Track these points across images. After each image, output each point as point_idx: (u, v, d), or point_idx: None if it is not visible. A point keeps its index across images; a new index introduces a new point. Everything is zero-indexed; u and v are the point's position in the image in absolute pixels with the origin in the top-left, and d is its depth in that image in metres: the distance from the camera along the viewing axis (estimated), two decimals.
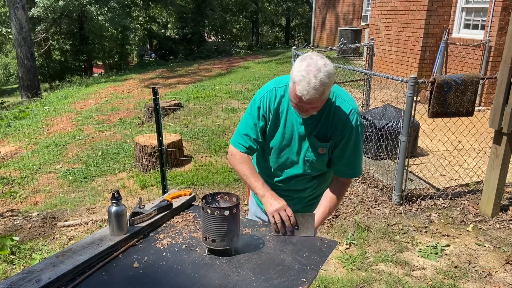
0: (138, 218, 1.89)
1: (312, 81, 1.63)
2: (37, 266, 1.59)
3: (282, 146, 1.95)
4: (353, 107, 1.86)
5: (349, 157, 1.91)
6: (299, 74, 1.66)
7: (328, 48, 9.47)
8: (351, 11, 15.38)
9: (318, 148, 1.90)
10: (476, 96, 4.01)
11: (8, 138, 7.71)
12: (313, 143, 1.90)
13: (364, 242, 3.60)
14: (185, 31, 23.10)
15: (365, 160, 5.07)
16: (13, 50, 17.85)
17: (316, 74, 1.63)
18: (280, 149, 1.96)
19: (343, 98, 1.87)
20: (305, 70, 1.65)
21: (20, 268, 3.40)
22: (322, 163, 1.96)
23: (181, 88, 10.76)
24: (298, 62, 1.70)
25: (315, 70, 1.64)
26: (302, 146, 1.92)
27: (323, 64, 1.66)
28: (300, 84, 1.65)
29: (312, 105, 1.72)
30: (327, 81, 1.65)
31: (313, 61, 1.66)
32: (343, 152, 1.90)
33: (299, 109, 1.78)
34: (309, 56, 1.70)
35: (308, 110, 1.76)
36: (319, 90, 1.64)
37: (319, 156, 1.92)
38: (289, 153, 1.95)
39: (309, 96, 1.65)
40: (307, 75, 1.64)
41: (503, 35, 6.82)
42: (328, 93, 1.73)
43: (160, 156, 3.89)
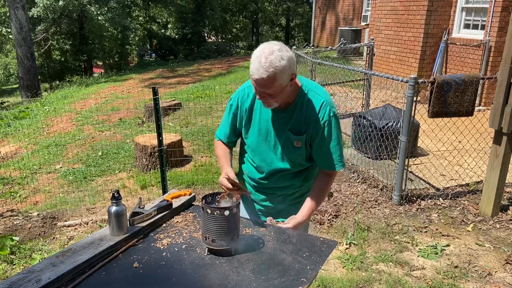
0: (138, 218, 1.89)
1: (262, 61, 1.69)
2: (37, 266, 1.58)
3: (259, 141, 2.01)
4: (324, 99, 1.90)
5: (327, 149, 1.94)
6: (254, 55, 1.74)
7: (328, 48, 9.48)
8: (351, 11, 15.38)
9: (294, 142, 1.94)
10: (476, 96, 4.01)
11: (8, 138, 7.71)
12: (288, 137, 1.95)
13: (364, 242, 3.60)
14: (185, 31, 23.10)
15: (365, 160, 5.07)
16: (13, 50, 17.85)
17: (267, 55, 1.70)
18: (258, 144, 2.02)
19: (314, 91, 1.92)
20: (260, 51, 1.73)
21: (20, 268, 3.40)
22: (299, 157, 1.99)
23: (181, 88, 10.77)
24: (259, 46, 1.78)
25: (268, 52, 1.70)
26: (278, 140, 1.97)
27: (278, 49, 1.72)
28: (252, 64, 1.73)
29: (265, 88, 1.75)
30: (278, 65, 1.69)
31: (269, 45, 1.75)
32: (321, 146, 1.94)
33: (258, 94, 1.82)
34: (269, 42, 1.78)
35: (266, 97, 1.80)
36: (268, 71, 1.69)
37: (296, 149, 1.96)
38: (267, 149, 2.01)
39: (258, 76, 1.71)
40: (259, 56, 1.71)
41: (503, 35, 6.82)
42: (283, 82, 1.75)
43: (160, 156, 3.89)
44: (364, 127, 5.10)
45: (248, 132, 2.03)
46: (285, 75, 1.73)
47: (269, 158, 2.02)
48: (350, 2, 15.36)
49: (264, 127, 1.97)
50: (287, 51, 1.74)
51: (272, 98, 1.80)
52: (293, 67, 1.76)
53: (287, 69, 1.73)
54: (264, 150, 2.01)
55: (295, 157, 1.98)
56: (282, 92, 1.79)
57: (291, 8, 28.04)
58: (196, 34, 23.19)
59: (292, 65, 1.74)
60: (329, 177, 2.02)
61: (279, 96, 1.80)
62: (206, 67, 14.40)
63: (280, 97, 1.81)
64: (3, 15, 17.71)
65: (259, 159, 2.05)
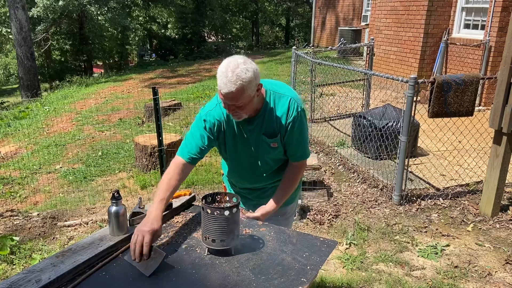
0: (138, 218, 1.89)
1: (229, 75, 1.74)
2: (37, 266, 1.59)
3: (238, 151, 2.07)
4: (291, 96, 1.97)
5: (297, 142, 2.03)
6: (220, 70, 1.78)
7: (328, 48, 9.48)
8: (351, 11, 15.38)
9: (270, 144, 2.01)
10: (476, 96, 4.01)
11: (8, 138, 7.71)
12: (264, 140, 2.01)
13: (364, 242, 3.60)
14: (185, 31, 23.11)
15: (365, 160, 5.07)
16: (13, 50, 17.84)
17: (233, 69, 1.74)
18: (237, 154, 2.08)
19: (279, 92, 1.98)
20: (225, 66, 1.77)
21: (20, 268, 3.40)
22: (279, 154, 2.08)
23: (181, 88, 10.77)
24: (223, 62, 1.81)
25: (233, 66, 1.75)
26: (257, 146, 2.03)
27: (242, 62, 1.77)
28: (219, 78, 1.77)
29: (234, 101, 1.79)
30: (244, 77, 1.74)
31: (234, 59, 1.79)
32: (292, 140, 2.01)
33: (228, 108, 1.86)
34: (233, 56, 1.82)
35: (235, 110, 1.84)
36: (236, 84, 1.73)
37: (273, 149, 2.04)
38: (248, 156, 2.07)
39: (227, 90, 1.75)
40: (225, 71, 1.76)
41: (503, 35, 6.82)
42: (251, 93, 1.80)
43: (160, 156, 3.89)
44: (364, 127, 5.10)
45: (226, 148, 2.08)
46: (252, 86, 1.79)
47: (252, 164, 2.10)
48: (350, 2, 15.35)
49: (240, 137, 2.03)
50: (251, 63, 1.80)
51: (241, 110, 1.84)
52: (258, 78, 1.81)
53: (253, 80, 1.78)
54: (245, 157, 2.08)
55: (274, 155, 2.07)
56: (250, 103, 1.85)
57: (291, 8, 28.05)
58: (196, 34, 23.19)
59: (257, 76, 1.80)
60: (298, 168, 2.12)
61: (248, 107, 1.85)
62: (206, 67, 14.41)
63: (248, 108, 1.86)
64: (3, 15, 17.72)
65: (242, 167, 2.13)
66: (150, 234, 1.63)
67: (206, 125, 1.98)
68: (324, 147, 5.75)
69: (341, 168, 5.11)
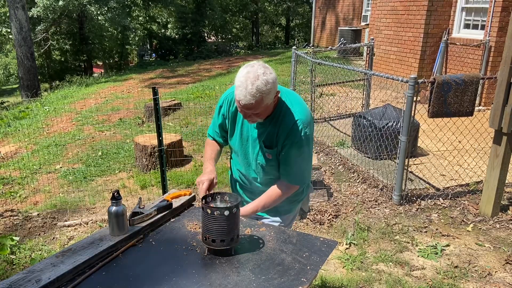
0: (138, 218, 1.89)
1: (249, 87, 1.72)
2: (37, 266, 1.59)
3: (239, 146, 2.08)
4: (299, 117, 1.91)
5: (291, 166, 1.98)
6: (238, 80, 1.76)
7: (328, 48, 9.48)
8: (351, 11, 15.38)
9: (265, 153, 2.00)
10: (476, 96, 4.01)
11: (8, 138, 7.71)
12: (261, 147, 2.00)
13: (364, 242, 3.60)
14: (185, 31, 23.10)
15: (365, 160, 5.07)
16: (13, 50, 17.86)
17: (253, 81, 1.72)
18: (238, 149, 2.10)
19: (292, 108, 1.93)
20: (244, 76, 1.74)
21: (20, 268, 3.40)
22: (272, 167, 2.04)
23: (181, 88, 10.77)
24: (241, 68, 1.79)
25: (253, 78, 1.73)
26: (254, 149, 2.03)
27: (262, 73, 1.74)
28: (238, 89, 1.76)
29: (252, 111, 1.80)
30: (264, 89, 1.73)
31: (254, 69, 1.76)
32: (285, 159, 1.97)
33: (243, 114, 1.87)
34: (251, 64, 1.79)
35: (251, 116, 1.85)
36: (255, 97, 1.73)
37: (268, 160, 2.01)
38: (246, 154, 2.08)
39: (246, 101, 1.74)
40: (245, 81, 1.73)
41: (503, 35, 6.82)
42: (269, 101, 1.79)
43: (160, 156, 3.89)
44: (364, 127, 5.10)
45: (232, 136, 2.11)
46: (271, 95, 1.79)
47: (247, 163, 2.11)
48: (350, 2, 15.35)
49: (245, 134, 2.04)
50: (270, 73, 1.77)
51: (257, 116, 1.85)
52: (276, 86, 1.80)
53: (273, 91, 1.78)
54: (244, 155, 2.10)
55: (268, 167, 2.04)
56: (267, 110, 1.85)
57: (291, 8, 28.03)
58: (196, 34, 23.18)
59: (276, 85, 1.79)
60: (286, 188, 2.03)
61: (264, 113, 1.86)
62: (206, 67, 14.40)
63: (264, 114, 1.87)
64: (3, 15, 17.72)
65: (242, 162, 2.14)
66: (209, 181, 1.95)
67: (220, 111, 2.10)
68: (324, 147, 5.75)
69: (341, 168, 5.11)
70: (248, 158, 2.09)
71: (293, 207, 2.22)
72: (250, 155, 2.07)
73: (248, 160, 2.09)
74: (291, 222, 2.29)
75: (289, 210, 2.21)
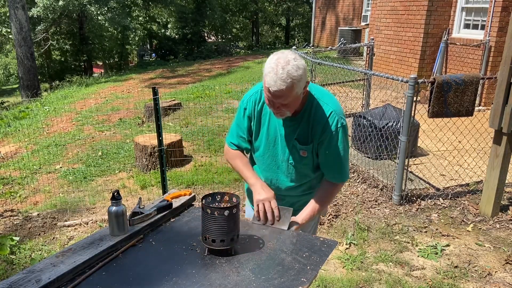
0: (138, 218, 1.89)
1: (279, 72, 1.66)
2: (37, 266, 1.59)
3: (266, 148, 1.98)
4: (333, 109, 1.85)
5: (333, 160, 1.91)
6: (268, 66, 1.70)
7: (328, 48, 9.48)
8: (351, 11, 15.37)
9: (300, 151, 1.91)
10: (476, 96, 4.01)
11: (8, 138, 7.71)
12: (295, 146, 1.91)
13: (364, 242, 3.60)
14: (185, 31, 23.09)
15: (365, 160, 5.07)
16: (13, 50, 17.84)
17: (284, 66, 1.66)
18: (265, 151, 1.99)
19: (323, 100, 1.87)
20: (275, 62, 1.69)
21: (20, 268, 3.40)
22: (305, 166, 1.96)
23: (181, 88, 10.77)
24: (271, 56, 1.74)
25: (284, 62, 1.67)
26: (285, 148, 1.93)
27: (293, 58, 1.69)
28: (268, 75, 1.69)
29: (282, 100, 1.72)
30: (295, 75, 1.67)
31: (284, 55, 1.71)
32: (326, 156, 1.90)
33: (272, 106, 1.78)
34: (281, 51, 1.75)
35: (280, 108, 1.76)
36: (286, 82, 1.66)
37: (302, 159, 1.93)
38: (274, 156, 1.98)
39: (276, 88, 1.67)
40: (275, 67, 1.67)
41: (503, 35, 6.82)
42: (299, 91, 1.73)
43: (160, 156, 3.89)
44: (364, 127, 5.10)
45: (258, 137, 2.00)
46: (301, 84, 1.71)
47: (274, 166, 2.00)
48: (350, 2, 15.35)
49: (272, 133, 1.95)
50: (300, 59, 1.72)
51: (286, 108, 1.76)
52: (306, 75, 1.74)
53: (304, 78, 1.71)
54: (271, 157, 1.99)
55: (301, 166, 1.95)
56: (296, 102, 1.77)
57: (291, 8, 28.02)
58: (196, 34, 23.18)
59: (306, 73, 1.73)
60: (333, 187, 1.99)
61: (293, 105, 1.77)
62: (206, 67, 14.40)
63: (294, 106, 1.78)
64: (3, 15, 17.72)
65: (265, 165, 2.02)
66: (274, 198, 1.89)
67: (246, 114, 1.98)
68: None
69: None
70: (277, 160, 1.97)
71: None
72: (279, 156, 1.96)
73: (277, 162, 1.98)
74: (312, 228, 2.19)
75: None
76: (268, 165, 2.01)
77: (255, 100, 1.96)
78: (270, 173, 2.02)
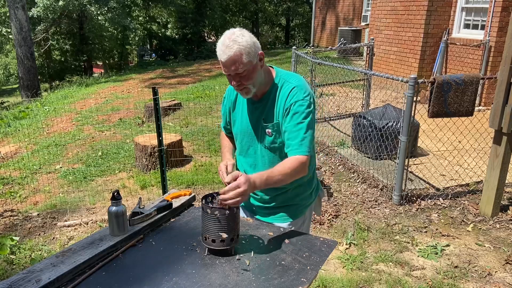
0: (138, 218, 1.89)
1: (226, 42, 1.76)
2: (37, 266, 1.59)
3: (241, 133, 2.06)
4: (295, 84, 1.90)
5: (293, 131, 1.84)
6: (218, 44, 1.80)
7: (328, 48, 9.48)
8: (351, 11, 15.38)
9: (265, 130, 1.96)
10: (476, 96, 4.01)
11: (8, 138, 7.71)
12: (262, 127, 1.97)
13: (364, 242, 3.60)
14: (185, 31, 23.10)
15: (365, 160, 5.07)
16: (13, 50, 17.86)
17: (229, 36, 1.77)
18: (241, 136, 2.07)
19: (288, 80, 1.94)
20: (222, 37, 1.80)
21: (20, 268, 3.40)
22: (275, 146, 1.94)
23: (181, 88, 10.77)
24: None
25: (229, 34, 1.79)
26: (256, 131, 2.00)
27: (238, 29, 1.81)
28: (218, 50, 1.79)
29: (234, 68, 1.77)
30: (241, 41, 1.75)
31: (230, 30, 1.81)
32: (287, 127, 1.86)
33: (233, 81, 1.84)
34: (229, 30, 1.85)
35: (240, 81, 1.82)
36: (233, 48, 1.74)
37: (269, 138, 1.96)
38: (249, 141, 2.04)
39: (226, 55, 1.75)
40: (222, 40, 1.79)
41: (503, 35, 6.82)
42: (252, 59, 1.78)
43: (160, 156, 3.89)
44: (364, 127, 5.10)
45: (234, 125, 2.10)
46: (251, 51, 1.78)
47: (255, 150, 2.03)
48: (350, 2, 15.35)
49: (245, 120, 2.02)
50: (247, 32, 1.82)
51: (246, 80, 1.81)
52: (257, 44, 1.81)
53: (252, 45, 1.78)
54: (248, 141, 2.05)
55: (271, 147, 1.97)
56: (254, 72, 1.82)
57: (291, 8, 28.03)
58: (196, 34, 23.18)
59: (255, 42, 1.80)
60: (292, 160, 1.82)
61: (252, 76, 1.82)
62: (206, 67, 14.40)
63: (253, 78, 1.82)
64: (3, 15, 17.73)
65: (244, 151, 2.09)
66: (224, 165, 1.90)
67: (224, 102, 2.16)
68: (324, 147, 5.75)
69: (341, 168, 5.11)
70: (253, 145, 2.02)
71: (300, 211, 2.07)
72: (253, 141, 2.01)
73: (253, 148, 2.02)
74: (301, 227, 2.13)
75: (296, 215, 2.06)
76: (246, 151, 2.08)
77: (231, 90, 2.09)
78: (252, 160, 2.07)
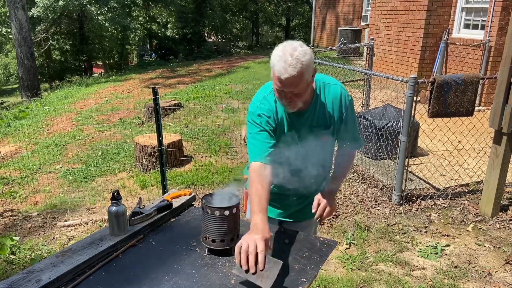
0: (138, 218, 1.89)
1: (288, 59, 1.65)
2: (37, 266, 1.59)
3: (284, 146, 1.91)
4: (340, 85, 1.94)
5: (352, 129, 1.99)
6: (276, 55, 1.69)
7: (328, 48, 9.47)
8: (351, 11, 15.37)
9: (322, 137, 1.92)
10: (476, 96, 4.01)
11: (8, 138, 7.71)
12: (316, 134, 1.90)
13: (364, 242, 3.60)
14: (185, 31, 23.10)
15: (365, 160, 5.07)
16: (13, 50, 17.85)
17: (291, 52, 1.66)
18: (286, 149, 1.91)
19: (327, 81, 1.93)
20: (282, 51, 1.69)
21: (20, 268, 3.40)
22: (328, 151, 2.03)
23: (181, 88, 10.77)
24: (276, 48, 1.74)
25: (291, 49, 1.67)
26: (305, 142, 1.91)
27: (299, 45, 1.70)
28: (277, 64, 1.67)
29: (293, 87, 1.69)
30: (304, 60, 1.66)
31: (289, 43, 1.72)
32: (347, 127, 1.96)
33: (284, 97, 1.74)
34: (287, 41, 1.76)
35: (292, 98, 1.73)
36: (296, 68, 1.65)
37: (324, 144, 1.96)
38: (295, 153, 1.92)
39: (288, 74, 1.65)
40: (283, 55, 1.67)
41: (503, 35, 6.82)
42: (308, 77, 1.72)
43: (160, 156, 3.89)
44: (364, 127, 5.10)
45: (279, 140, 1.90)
46: (310, 69, 1.71)
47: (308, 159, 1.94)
48: (350, 2, 15.35)
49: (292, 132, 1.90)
50: (306, 46, 1.73)
51: (298, 97, 1.74)
52: (313, 61, 1.74)
53: (311, 64, 1.71)
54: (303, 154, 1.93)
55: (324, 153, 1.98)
56: (306, 89, 1.75)
57: (291, 8, 28.03)
58: (196, 34, 23.17)
59: (312, 59, 1.73)
60: (353, 155, 2.15)
61: (304, 94, 1.76)
62: (206, 67, 14.40)
63: (305, 95, 1.76)
64: (3, 15, 17.71)
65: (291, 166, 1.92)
66: (263, 241, 1.48)
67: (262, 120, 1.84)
68: None
69: None
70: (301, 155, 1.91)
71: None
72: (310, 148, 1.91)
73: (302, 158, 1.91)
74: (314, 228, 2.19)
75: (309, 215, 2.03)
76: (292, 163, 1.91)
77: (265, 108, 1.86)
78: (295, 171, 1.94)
